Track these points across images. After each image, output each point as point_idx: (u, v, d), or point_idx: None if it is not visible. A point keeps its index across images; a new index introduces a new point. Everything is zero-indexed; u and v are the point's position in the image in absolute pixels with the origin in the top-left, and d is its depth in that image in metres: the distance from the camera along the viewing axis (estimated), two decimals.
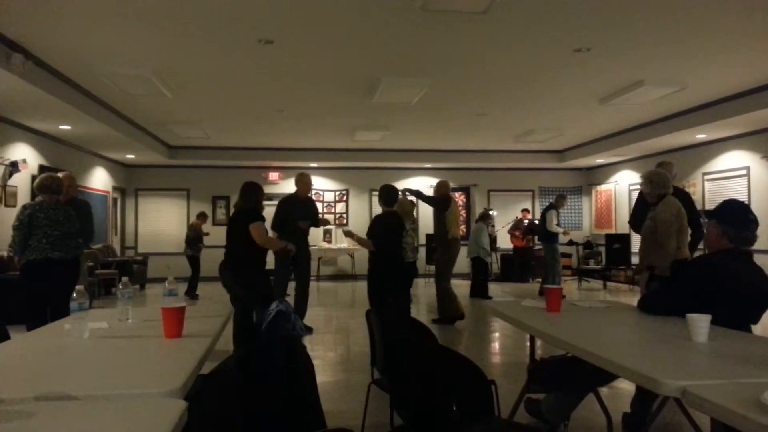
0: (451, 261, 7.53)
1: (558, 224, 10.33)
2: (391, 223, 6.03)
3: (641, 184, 4.63)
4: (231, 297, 5.19)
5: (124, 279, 2.92)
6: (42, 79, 6.33)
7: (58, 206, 4.99)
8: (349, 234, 6.27)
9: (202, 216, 11.13)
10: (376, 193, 14.32)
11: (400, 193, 6.85)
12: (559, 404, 3.28)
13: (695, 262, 3.06)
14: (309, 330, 6.93)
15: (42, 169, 8.68)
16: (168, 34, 5.49)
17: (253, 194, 5.22)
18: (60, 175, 5.49)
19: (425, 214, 14.45)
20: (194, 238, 10.73)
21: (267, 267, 5.34)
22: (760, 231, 2.96)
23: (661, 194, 4.42)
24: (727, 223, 2.88)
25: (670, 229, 4.25)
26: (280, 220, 6.80)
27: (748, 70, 6.78)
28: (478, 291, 10.14)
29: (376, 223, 6.16)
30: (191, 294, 10.58)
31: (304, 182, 7.09)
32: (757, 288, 2.79)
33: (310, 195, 7.34)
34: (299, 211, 6.88)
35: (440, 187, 7.76)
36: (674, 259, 4.13)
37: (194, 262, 10.75)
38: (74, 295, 2.49)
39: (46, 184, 4.99)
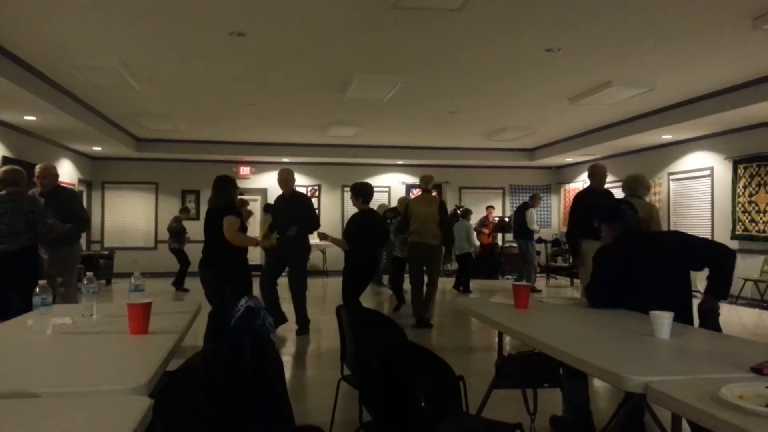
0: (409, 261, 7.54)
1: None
2: (365, 222, 6.02)
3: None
4: (208, 294, 5.10)
5: (89, 274, 2.86)
6: (7, 69, 6.16)
7: (7, 199, 4.97)
8: (323, 237, 6.22)
9: (185, 210, 11.39)
10: (348, 189, 14.41)
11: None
12: (571, 396, 3.33)
13: (597, 252, 3.37)
14: (305, 329, 6.78)
15: (5, 160, 8.46)
16: (137, 24, 5.39)
17: (224, 189, 5.14)
18: (38, 167, 5.59)
19: None
20: (180, 231, 10.79)
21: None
22: (719, 230, 3.20)
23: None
24: (609, 221, 3.27)
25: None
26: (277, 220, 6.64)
27: (715, 72, 6.94)
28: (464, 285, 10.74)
29: (351, 222, 6.16)
30: (179, 287, 10.54)
31: (280, 178, 6.68)
32: (655, 257, 3.05)
33: (296, 190, 6.99)
34: (283, 210, 6.60)
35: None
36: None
37: (180, 255, 10.74)
38: (37, 290, 2.43)
39: (2, 178, 5.05)
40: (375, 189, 6.61)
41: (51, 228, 5.14)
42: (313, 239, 6.88)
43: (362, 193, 6.09)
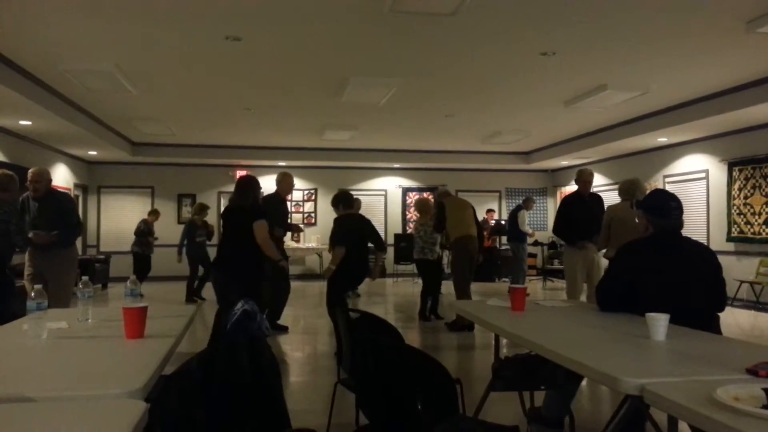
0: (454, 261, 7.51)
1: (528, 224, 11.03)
2: (349, 223, 6.07)
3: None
4: (219, 297, 4.98)
5: (85, 278, 2.85)
6: (1, 74, 6.15)
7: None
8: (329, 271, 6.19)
9: (154, 213, 10.92)
10: None
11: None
12: (553, 401, 3.34)
13: (619, 249, 3.19)
14: (284, 329, 6.93)
15: (0, 165, 8.44)
16: (132, 28, 5.39)
17: (250, 190, 5.03)
18: (30, 171, 5.46)
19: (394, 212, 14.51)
20: (144, 231, 10.39)
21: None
22: (715, 232, 3.08)
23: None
24: (651, 212, 3.00)
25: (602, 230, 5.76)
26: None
27: (709, 75, 6.97)
28: None
29: (334, 225, 6.16)
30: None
31: (288, 183, 7.01)
32: (686, 265, 2.87)
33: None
34: (278, 211, 6.75)
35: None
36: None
37: (140, 259, 10.33)
38: (32, 294, 2.43)
39: None
40: (371, 192, 6.62)
41: (31, 240, 5.07)
42: (311, 243, 6.94)
43: (337, 200, 6.22)
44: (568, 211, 6.68)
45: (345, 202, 6.21)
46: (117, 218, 13.46)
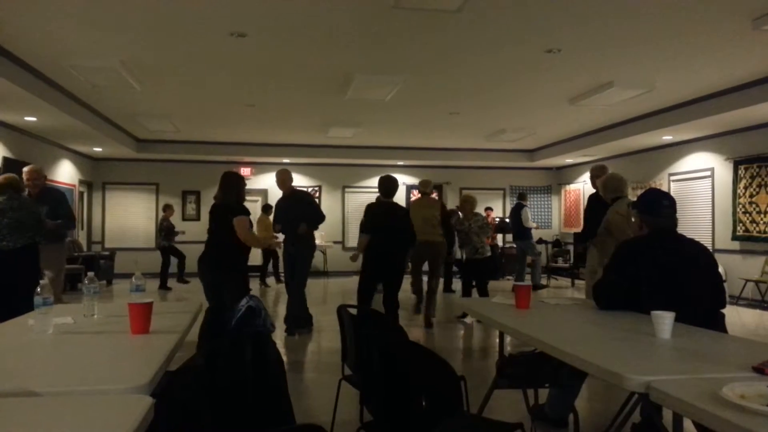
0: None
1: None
2: (379, 213, 6.06)
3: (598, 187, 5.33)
4: (206, 292, 4.95)
5: (90, 274, 2.86)
6: (7, 70, 6.16)
7: (13, 197, 5.17)
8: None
9: (168, 207, 11.41)
10: (349, 189, 14.42)
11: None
12: (558, 400, 3.33)
13: (617, 247, 3.20)
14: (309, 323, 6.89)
15: (5, 161, 8.47)
16: (137, 24, 5.40)
17: (234, 186, 5.00)
18: (27, 169, 5.83)
19: None
20: (170, 229, 10.93)
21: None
22: (720, 231, 3.06)
23: (614, 198, 5.00)
24: (644, 211, 3.08)
25: (622, 226, 4.72)
26: (280, 221, 6.70)
27: (714, 73, 6.94)
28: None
29: (364, 213, 6.15)
30: (164, 287, 10.61)
31: (276, 179, 6.78)
32: (683, 262, 2.88)
33: (295, 189, 6.93)
34: (286, 210, 6.65)
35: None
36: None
37: (173, 251, 10.90)
38: (38, 289, 2.44)
39: (4, 184, 5.22)
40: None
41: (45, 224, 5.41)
42: (315, 240, 6.90)
43: (379, 186, 6.28)
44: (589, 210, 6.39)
45: (381, 190, 6.28)
46: (122, 215, 13.50)
